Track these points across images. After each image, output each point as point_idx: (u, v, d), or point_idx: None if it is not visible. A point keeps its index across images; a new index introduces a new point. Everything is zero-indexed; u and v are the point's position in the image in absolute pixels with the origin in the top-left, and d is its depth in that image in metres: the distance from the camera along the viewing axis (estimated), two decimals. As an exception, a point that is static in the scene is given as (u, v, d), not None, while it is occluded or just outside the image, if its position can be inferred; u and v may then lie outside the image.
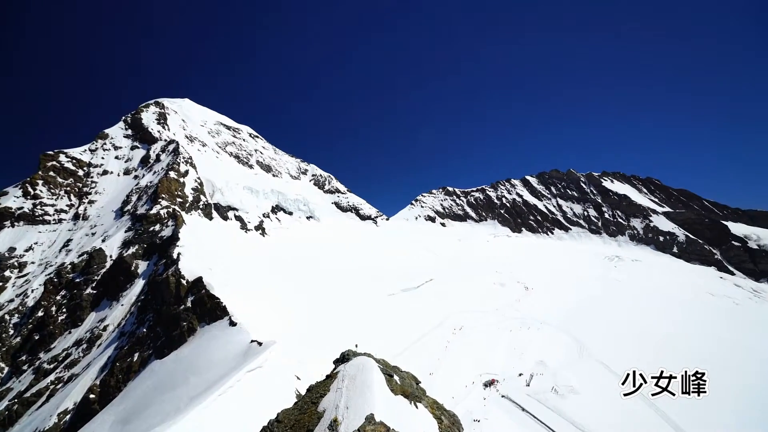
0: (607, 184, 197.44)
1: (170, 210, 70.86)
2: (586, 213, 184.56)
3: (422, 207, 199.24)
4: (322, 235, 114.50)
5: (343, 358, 15.68)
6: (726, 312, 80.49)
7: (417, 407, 12.91)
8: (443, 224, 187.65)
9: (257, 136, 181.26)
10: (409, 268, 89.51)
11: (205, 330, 40.55)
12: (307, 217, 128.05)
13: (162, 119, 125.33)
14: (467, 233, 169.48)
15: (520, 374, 45.13)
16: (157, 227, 66.35)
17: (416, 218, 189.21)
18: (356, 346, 26.45)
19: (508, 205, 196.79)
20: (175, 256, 52.21)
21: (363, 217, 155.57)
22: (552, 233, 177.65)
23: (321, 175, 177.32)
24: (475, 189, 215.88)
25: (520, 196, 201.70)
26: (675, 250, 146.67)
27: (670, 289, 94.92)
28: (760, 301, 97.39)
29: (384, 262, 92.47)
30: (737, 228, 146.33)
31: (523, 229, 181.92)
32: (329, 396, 12.51)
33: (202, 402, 23.76)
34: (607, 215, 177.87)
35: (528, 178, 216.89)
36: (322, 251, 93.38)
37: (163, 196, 74.94)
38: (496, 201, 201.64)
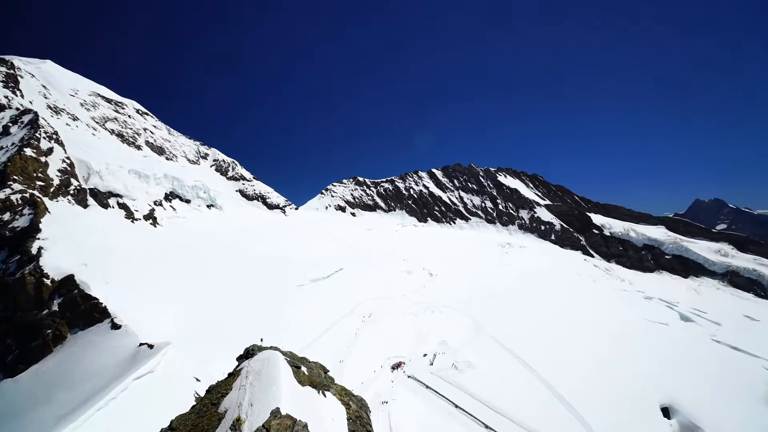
0: (501, 178, 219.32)
1: (26, 195, 58.48)
2: (483, 204, 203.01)
3: (333, 197, 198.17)
4: (225, 224, 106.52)
5: (248, 354, 14.77)
6: (587, 288, 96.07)
7: (325, 396, 12.75)
8: (353, 214, 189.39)
9: (147, 113, 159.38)
10: (319, 258, 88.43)
11: (78, 337, 34.82)
12: (208, 206, 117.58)
13: (12, 82, 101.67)
14: (377, 223, 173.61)
15: (425, 355, 48.05)
16: (6, 216, 54.32)
17: (326, 208, 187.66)
18: (261, 340, 25.22)
19: (415, 196, 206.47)
20: (34, 251, 43.43)
21: (271, 206, 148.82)
22: (454, 223, 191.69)
23: (224, 161, 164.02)
24: (384, 180, 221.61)
25: (427, 187, 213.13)
26: (553, 237, 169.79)
27: (548, 270, 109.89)
28: (609, 278, 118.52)
29: (293, 253, 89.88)
30: (597, 219, 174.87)
31: (428, 219, 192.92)
32: (231, 395, 11.66)
33: (73, 421, 20.32)
34: (501, 207, 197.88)
35: (434, 170, 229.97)
36: (225, 242, 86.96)
37: (15, 177, 61.41)
38: (404, 192, 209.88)
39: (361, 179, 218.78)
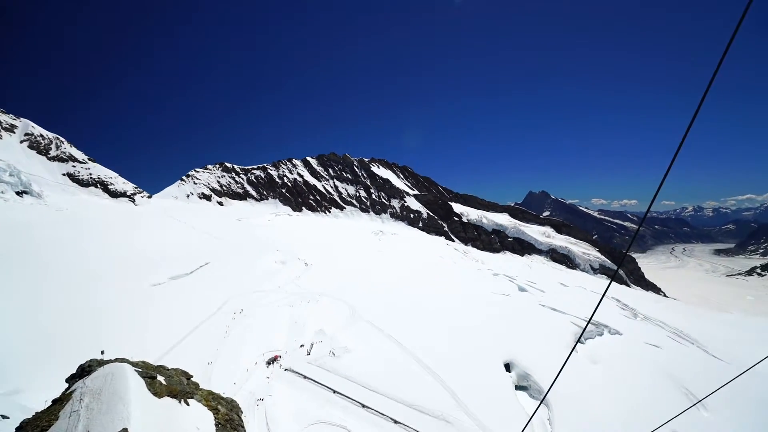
0: (375, 169, 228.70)
1: None
2: (358, 194, 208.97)
3: (195, 184, 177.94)
4: (48, 215, 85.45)
5: (83, 372, 12.00)
6: (449, 268, 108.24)
7: (188, 404, 11.22)
8: (221, 203, 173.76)
9: None
10: (179, 253, 78.47)
11: None
12: (19, 193, 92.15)
13: None
14: (248, 212, 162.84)
15: (302, 345, 47.26)
16: None
17: (188, 196, 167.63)
18: (102, 353, 21.01)
19: (289, 184, 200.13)
20: None
21: (114, 194, 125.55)
22: (329, 212, 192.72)
23: (42, 136, 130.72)
24: (256, 167, 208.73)
25: (302, 176, 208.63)
26: (420, 224, 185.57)
27: (417, 255, 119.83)
28: (466, 259, 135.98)
29: (146, 248, 77.66)
30: (457, 207, 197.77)
31: (303, 208, 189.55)
32: (57, 426, 9.24)
33: None
34: (374, 196, 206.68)
35: (309, 159, 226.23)
36: (48, 237, 69.75)
37: None
38: (277, 180, 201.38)
39: (229, 165, 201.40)
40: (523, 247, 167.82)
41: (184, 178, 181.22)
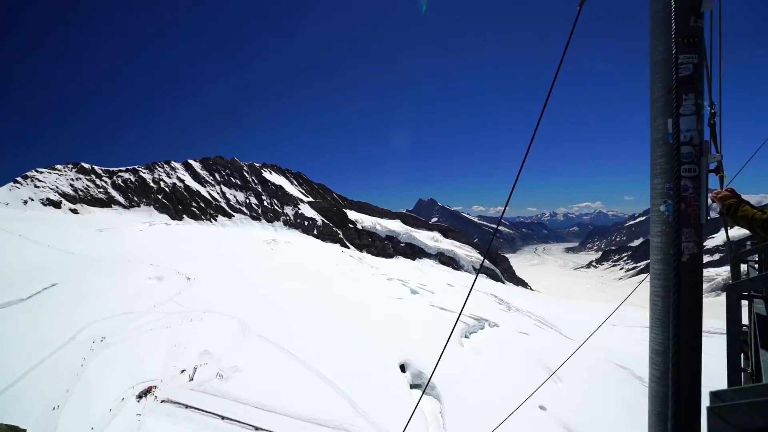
0: (266, 174, 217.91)
1: None
2: (248, 201, 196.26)
3: (38, 187, 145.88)
4: None
5: None
6: (344, 275, 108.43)
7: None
8: (75, 210, 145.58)
9: None
10: (11, 274, 62.84)
11: None
12: None
13: None
14: (113, 221, 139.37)
15: (183, 371, 41.69)
16: None
17: (26, 202, 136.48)
18: None
19: (167, 189, 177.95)
20: None
21: None
22: (216, 220, 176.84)
23: None
24: (124, 169, 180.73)
25: (182, 180, 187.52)
26: (315, 232, 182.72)
27: (312, 263, 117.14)
28: (362, 265, 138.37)
29: (-40, 269, 60.26)
30: (351, 215, 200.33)
31: (184, 216, 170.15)
32: None
33: None
34: (266, 203, 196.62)
35: (191, 162, 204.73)
36: None
37: None
38: (152, 185, 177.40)
39: (87, 166, 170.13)
40: (414, 251, 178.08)
41: (19, 179, 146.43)
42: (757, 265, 8.66)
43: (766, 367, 4.34)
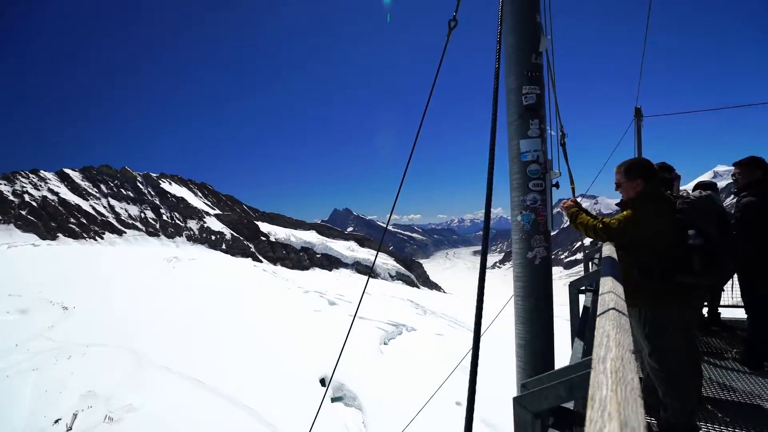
0: (165, 186, 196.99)
1: None
2: (143, 215, 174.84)
3: None
4: None
5: None
6: (256, 291, 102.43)
7: None
8: None
9: None
10: None
11: None
12: None
13: None
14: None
15: (58, 420, 34.79)
16: None
17: None
18: None
19: (35, 204, 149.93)
20: None
21: None
22: (102, 238, 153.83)
23: None
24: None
25: (56, 193, 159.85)
26: (224, 247, 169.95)
27: (220, 280, 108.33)
28: (276, 279, 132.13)
29: None
30: (264, 227, 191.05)
31: (59, 234, 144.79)
32: None
33: None
34: (165, 217, 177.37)
35: (68, 171, 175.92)
36: None
37: None
38: (13, 199, 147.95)
39: None
40: (331, 262, 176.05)
41: None
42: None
43: (574, 354, 4.75)
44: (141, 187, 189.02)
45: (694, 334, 4.84)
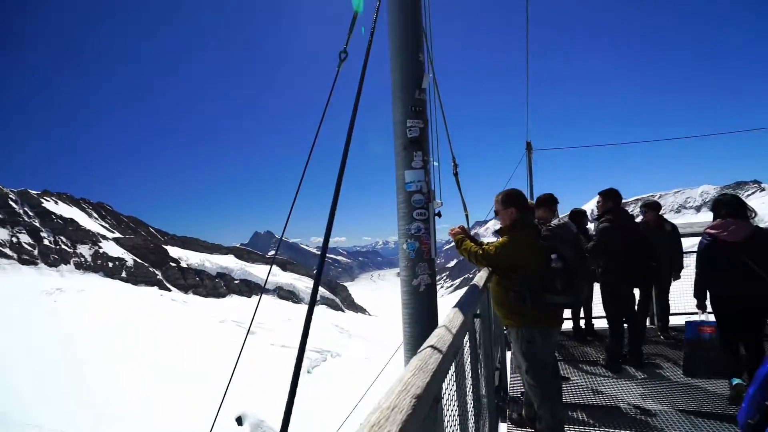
0: (49, 205, 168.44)
1: None
2: (16, 239, 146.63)
3: None
4: None
5: None
6: (161, 325, 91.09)
7: None
8: None
9: None
10: None
11: None
12: None
13: None
14: None
15: None
16: None
17: None
18: None
19: None
20: None
21: None
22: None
23: None
24: None
25: None
26: (124, 274, 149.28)
27: (115, 314, 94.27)
28: (186, 310, 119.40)
29: None
30: (174, 251, 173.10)
31: None
32: None
33: None
34: (47, 241, 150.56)
35: None
36: None
37: None
38: None
39: None
40: (250, 288, 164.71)
41: None
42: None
43: None
44: (15, 206, 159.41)
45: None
